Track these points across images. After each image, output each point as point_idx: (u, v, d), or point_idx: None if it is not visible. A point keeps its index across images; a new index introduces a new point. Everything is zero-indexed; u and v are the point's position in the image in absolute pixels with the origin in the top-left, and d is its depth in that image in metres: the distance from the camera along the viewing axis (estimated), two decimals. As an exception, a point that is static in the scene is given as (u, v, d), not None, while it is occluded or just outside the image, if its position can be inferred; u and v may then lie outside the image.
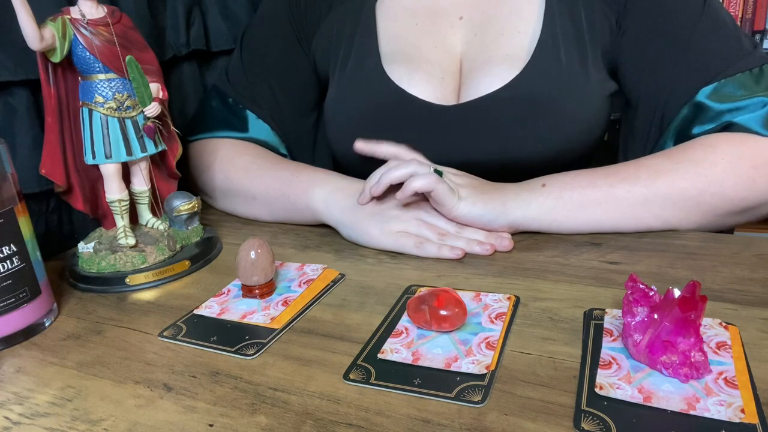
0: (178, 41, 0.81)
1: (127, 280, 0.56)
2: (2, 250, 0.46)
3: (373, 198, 0.59)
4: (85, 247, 0.58)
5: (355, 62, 0.73)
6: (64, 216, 0.69)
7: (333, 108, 0.75)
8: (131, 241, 0.58)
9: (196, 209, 0.62)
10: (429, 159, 0.63)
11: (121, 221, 0.59)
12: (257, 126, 0.76)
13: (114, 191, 0.58)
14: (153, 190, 0.61)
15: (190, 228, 0.63)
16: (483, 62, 0.67)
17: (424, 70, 0.69)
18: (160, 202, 0.63)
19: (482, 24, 0.69)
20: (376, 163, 0.65)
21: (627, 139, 0.69)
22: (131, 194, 0.60)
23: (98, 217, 0.62)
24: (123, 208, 0.58)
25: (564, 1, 0.66)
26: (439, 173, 0.58)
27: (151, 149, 0.58)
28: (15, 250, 0.47)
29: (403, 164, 0.58)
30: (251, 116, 0.76)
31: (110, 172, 0.57)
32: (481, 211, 0.57)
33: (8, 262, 0.46)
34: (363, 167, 0.72)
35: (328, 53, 0.77)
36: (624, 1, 0.64)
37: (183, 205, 0.61)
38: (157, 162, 0.63)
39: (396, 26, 0.73)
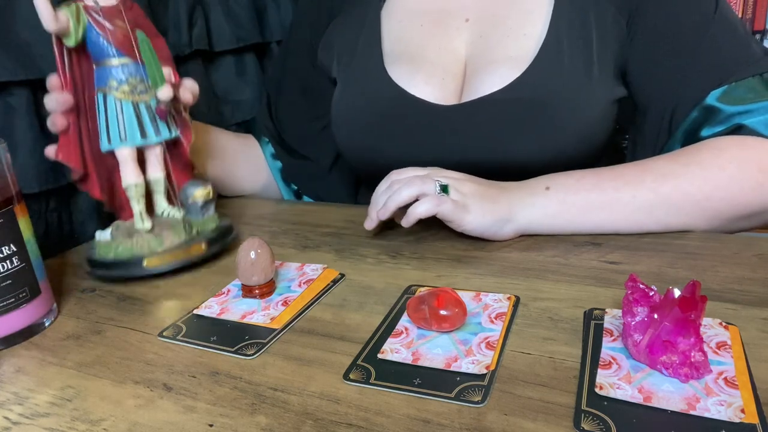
0: (180, 41, 0.81)
1: (145, 263, 0.56)
2: (2, 250, 0.46)
3: (381, 222, 0.59)
4: (102, 235, 0.59)
5: (359, 63, 0.73)
6: (64, 216, 0.69)
7: (336, 107, 0.75)
8: (147, 224, 0.58)
9: (210, 196, 0.62)
10: (429, 159, 0.62)
11: (137, 206, 0.58)
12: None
13: (130, 176, 0.58)
14: (169, 178, 0.61)
15: (205, 216, 0.62)
16: (486, 63, 0.67)
17: (425, 70, 0.69)
18: (175, 193, 0.63)
19: (489, 26, 0.69)
20: (381, 162, 0.64)
21: (635, 146, 0.68)
22: (147, 183, 0.60)
23: (115, 208, 0.62)
24: (139, 192, 0.58)
25: (574, 6, 0.65)
26: (445, 188, 0.56)
27: (165, 133, 0.59)
28: (15, 250, 0.47)
29: (408, 184, 0.57)
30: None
31: (125, 156, 0.57)
32: (490, 223, 0.56)
33: (8, 262, 0.46)
34: (369, 166, 0.72)
35: (332, 56, 0.78)
36: (635, 4, 0.63)
37: (198, 191, 0.61)
38: (172, 153, 0.63)
39: (400, 28, 0.73)
